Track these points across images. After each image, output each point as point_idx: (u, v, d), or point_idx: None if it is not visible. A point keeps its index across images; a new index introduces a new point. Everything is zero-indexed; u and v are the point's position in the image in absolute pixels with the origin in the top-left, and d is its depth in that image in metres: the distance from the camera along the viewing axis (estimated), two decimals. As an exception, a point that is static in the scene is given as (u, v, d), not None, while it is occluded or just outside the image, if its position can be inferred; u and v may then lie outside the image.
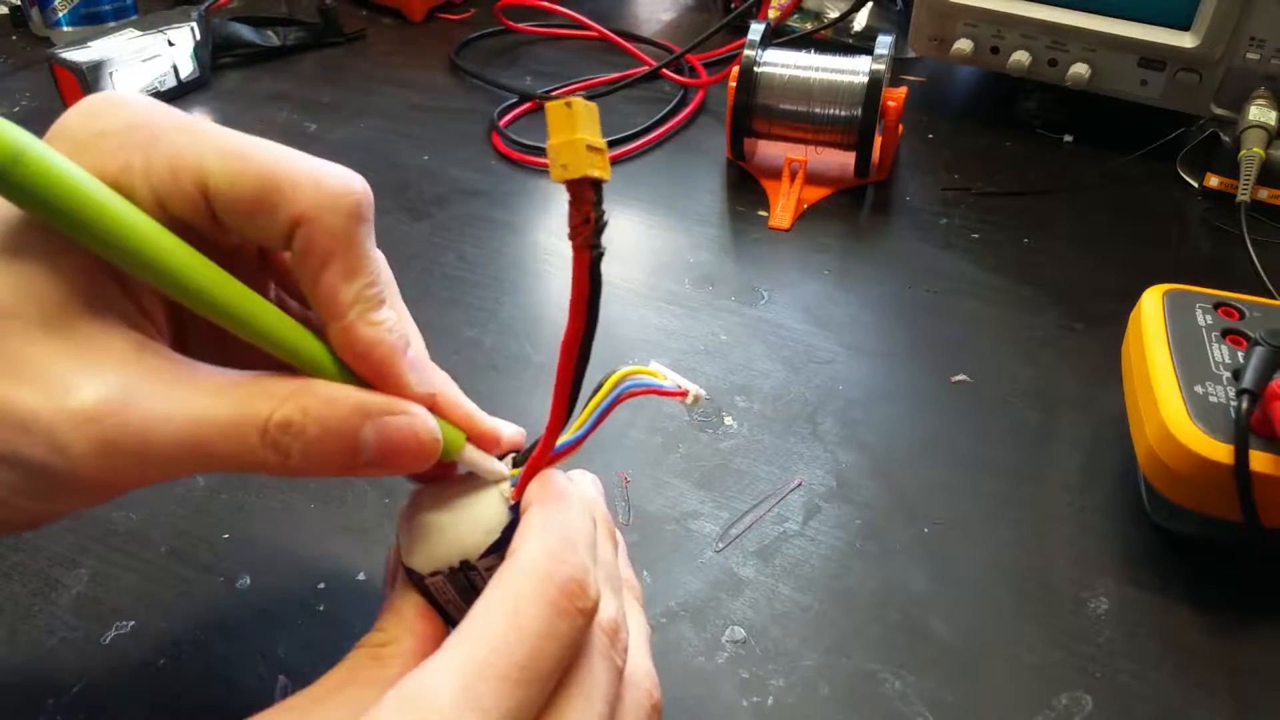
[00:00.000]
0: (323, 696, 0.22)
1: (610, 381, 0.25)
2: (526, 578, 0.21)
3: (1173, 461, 0.33)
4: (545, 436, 0.24)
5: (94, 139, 0.21)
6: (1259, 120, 0.56)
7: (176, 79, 0.68)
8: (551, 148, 0.20)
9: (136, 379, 0.20)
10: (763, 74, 0.57)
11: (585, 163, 0.20)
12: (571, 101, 0.19)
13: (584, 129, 0.20)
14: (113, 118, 0.21)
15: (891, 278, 0.52)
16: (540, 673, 0.20)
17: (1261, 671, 0.32)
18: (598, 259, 0.20)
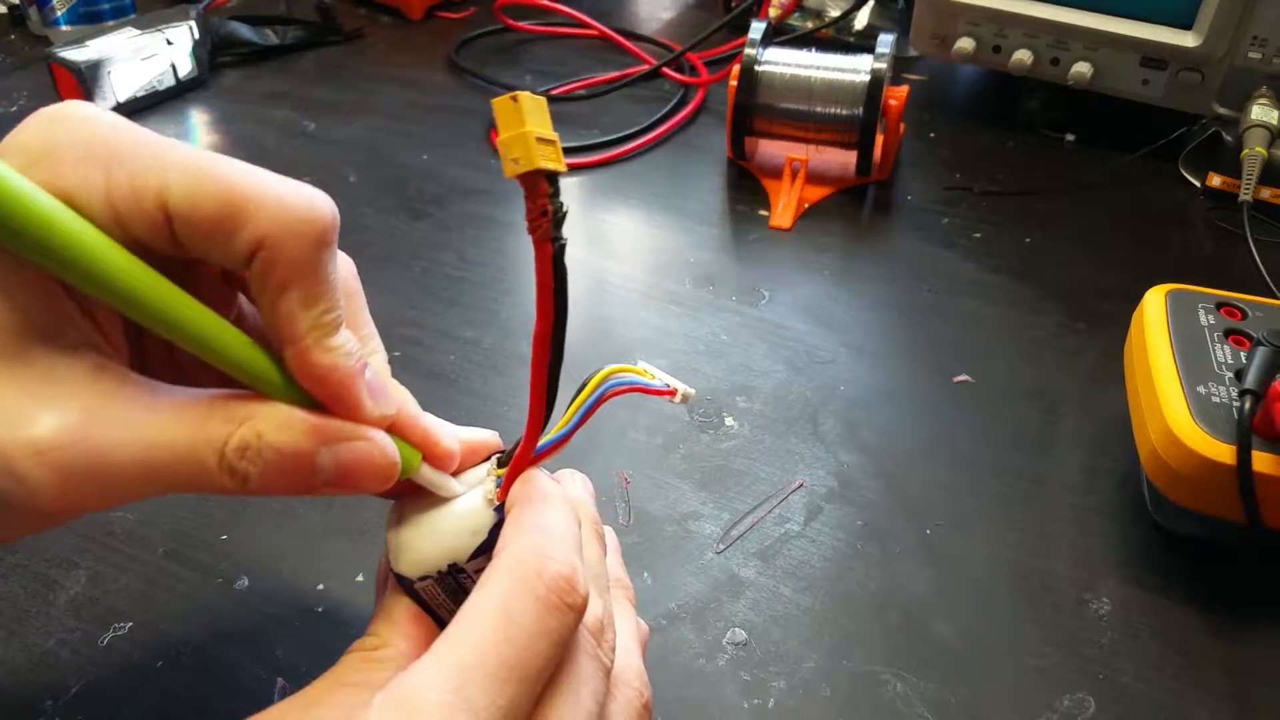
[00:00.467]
0: (314, 700, 0.22)
1: (595, 380, 0.25)
2: (512, 576, 0.21)
3: (1175, 462, 0.33)
4: (526, 436, 0.24)
5: (50, 151, 0.20)
6: (1261, 120, 0.55)
7: (175, 78, 0.67)
8: (501, 143, 0.20)
9: (93, 405, 0.20)
10: (764, 73, 0.57)
11: (536, 155, 0.20)
12: (518, 95, 0.20)
13: (532, 122, 0.20)
14: (73, 131, 0.21)
15: (893, 277, 0.52)
16: (530, 671, 0.20)
17: (1263, 672, 0.32)
18: (560, 250, 0.20)
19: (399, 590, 0.24)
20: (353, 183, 0.59)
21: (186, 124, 0.66)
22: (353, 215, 0.56)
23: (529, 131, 0.20)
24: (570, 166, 0.61)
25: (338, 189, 0.58)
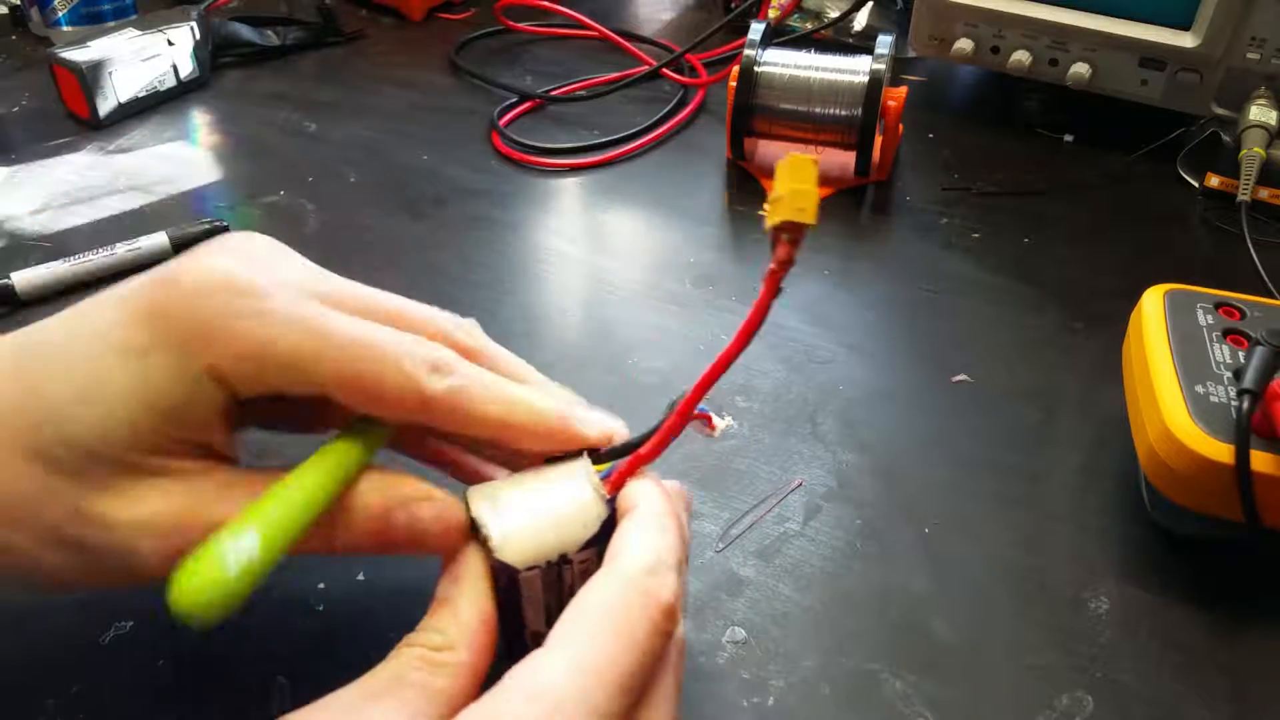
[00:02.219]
0: (374, 694, 0.22)
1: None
2: (634, 591, 0.23)
3: (1173, 461, 0.33)
4: (658, 438, 0.26)
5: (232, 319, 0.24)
6: (1259, 120, 0.56)
7: (176, 78, 0.67)
8: (790, 193, 0.24)
9: (206, 492, 0.24)
10: (763, 74, 0.57)
11: (814, 211, 0.24)
12: (814, 159, 0.24)
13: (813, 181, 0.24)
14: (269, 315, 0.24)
15: (892, 277, 0.52)
16: (639, 682, 0.21)
17: (1262, 671, 0.32)
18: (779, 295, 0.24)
19: (469, 583, 0.24)
20: (353, 183, 0.59)
21: (188, 124, 0.66)
22: (353, 216, 0.56)
23: (815, 190, 0.24)
24: (570, 167, 0.62)
25: (338, 189, 0.58)
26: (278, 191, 0.58)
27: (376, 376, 0.25)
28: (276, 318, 0.24)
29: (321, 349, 0.24)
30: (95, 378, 0.24)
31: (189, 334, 0.24)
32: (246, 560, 0.21)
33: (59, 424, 0.24)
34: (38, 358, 0.25)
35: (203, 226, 0.52)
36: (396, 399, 0.25)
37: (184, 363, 0.24)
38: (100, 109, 0.63)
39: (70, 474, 0.24)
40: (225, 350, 0.24)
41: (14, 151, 0.61)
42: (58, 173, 0.59)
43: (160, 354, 0.24)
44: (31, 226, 0.54)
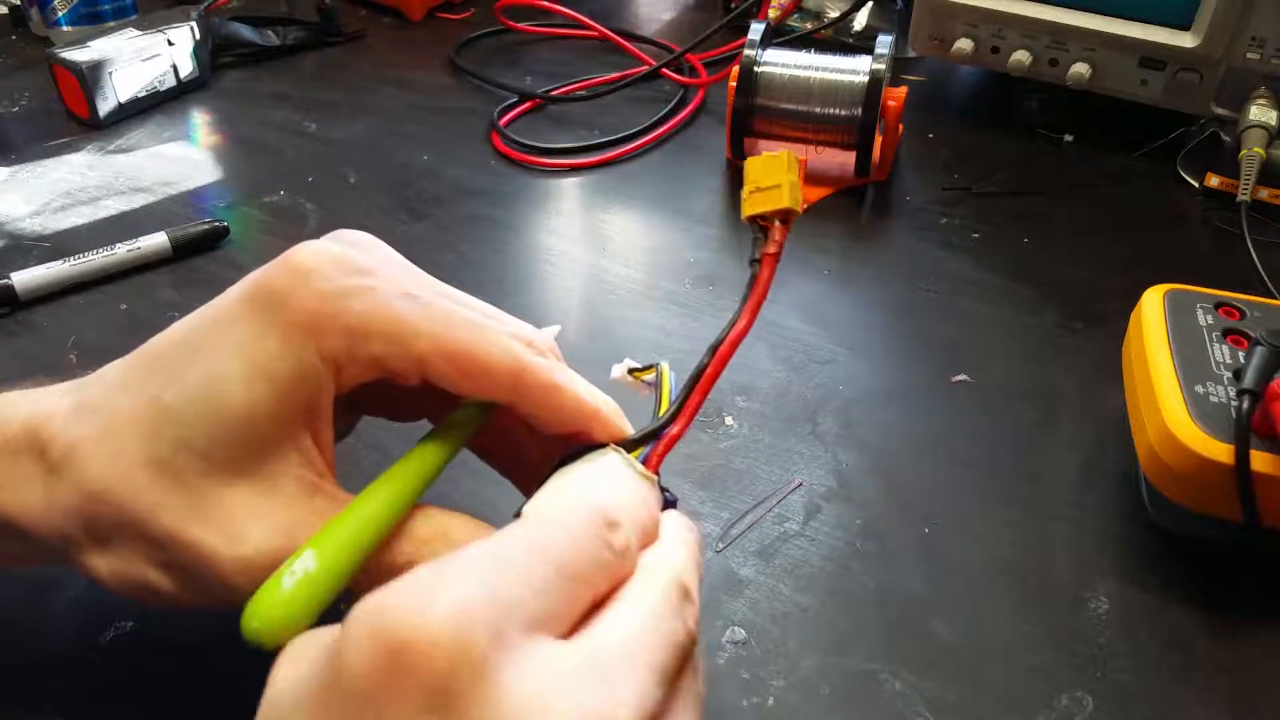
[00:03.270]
0: None
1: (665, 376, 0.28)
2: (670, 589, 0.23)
3: (1173, 461, 0.33)
4: (685, 416, 0.27)
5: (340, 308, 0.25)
6: (1259, 120, 0.56)
7: (176, 79, 0.67)
8: (791, 184, 0.26)
9: (303, 522, 0.25)
10: (763, 74, 0.57)
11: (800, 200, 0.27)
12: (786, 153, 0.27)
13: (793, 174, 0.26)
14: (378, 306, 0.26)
15: (891, 278, 0.52)
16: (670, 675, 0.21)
17: (1262, 671, 0.32)
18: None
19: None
20: (353, 183, 0.59)
21: (187, 124, 0.66)
22: (353, 216, 0.56)
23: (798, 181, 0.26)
24: (570, 167, 0.62)
25: (338, 189, 0.58)
26: (278, 191, 0.58)
27: (476, 345, 0.26)
28: (382, 293, 0.25)
29: (423, 320, 0.25)
30: (214, 369, 0.25)
31: (303, 310, 0.25)
32: (302, 576, 0.22)
33: (175, 426, 0.24)
34: (159, 364, 0.26)
35: (203, 227, 0.52)
36: (493, 366, 0.26)
37: (298, 338, 0.25)
38: (100, 109, 0.63)
39: (181, 485, 0.24)
40: (336, 323, 0.25)
41: (14, 151, 0.61)
42: (58, 173, 0.59)
43: (276, 333, 0.25)
44: (31, 226, 0.54)
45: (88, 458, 0.25)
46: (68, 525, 0.25)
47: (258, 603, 0.22)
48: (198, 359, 0.25)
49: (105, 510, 0.25)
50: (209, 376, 0.25)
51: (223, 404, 0.24)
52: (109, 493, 0.24)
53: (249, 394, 0.24)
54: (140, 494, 0.24)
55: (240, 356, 0.25)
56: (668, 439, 0.27)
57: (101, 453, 0.25)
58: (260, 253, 0.52)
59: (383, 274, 0.26)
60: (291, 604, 0.22)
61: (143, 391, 0.25)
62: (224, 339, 0.25)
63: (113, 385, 0.26)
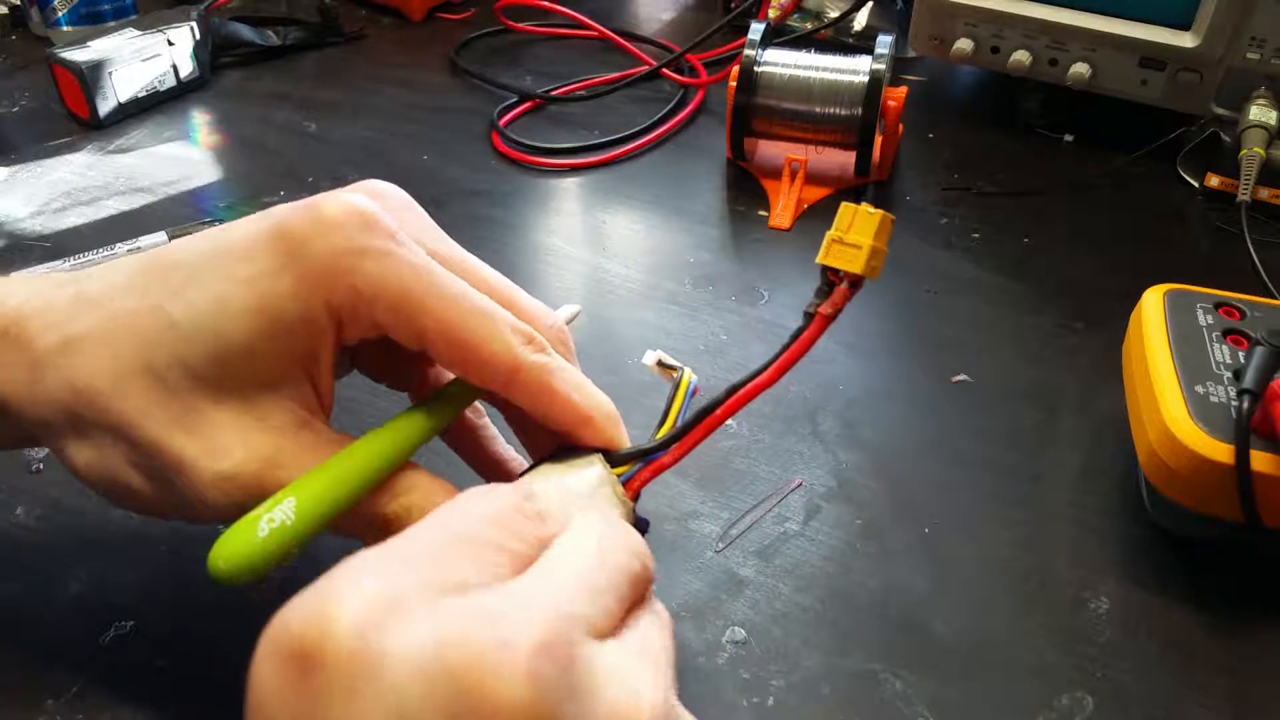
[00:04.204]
0: None
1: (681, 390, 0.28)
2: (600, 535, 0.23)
3: (1173, 461, 0.33)
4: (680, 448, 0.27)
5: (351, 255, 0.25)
6: (1259, 120, 0.56)
7: (176, 79, 0.67)
8: (874, 250, 0.26)
9: (287, 451, 0.25)
10: (763, 73, 0.57)
11: (879, 268, 0.25)
12: (891, 216, 0.25)
13: (884, 240, 0.26)
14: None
15: (891, 277, 0.52)
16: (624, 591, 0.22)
17: (1262, 671, 0.32)
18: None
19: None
20: (353, 183, 0.59)
21: (188, 124, 0.66)
22: (353, 215, 0.56)
23: (884, 250, 0.25)
24: (570, 167, 0.62)
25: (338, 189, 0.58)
26: (278, 191, 0.58)
27: (476, 333, 0.26)
28: (397, 260, 0.25)
29: (431, 297, 0.25)
30: (223, 293, 0.25)
31: (318, 260, 0.25)
32: (279, 525, 0.23)
33: (175, 341, 0.25)
34: (167, 275, 0.26)
35: (203, 227, 0.52)
36: (490, 360, 0.26)
37: (308, 286, 0.25)
38: (100, 109, 0.63)
39: (171, 398, 0.25)
40: (346, 281, 0.25)
41: (14, 151, 0.61)
42: (58, 173, 0.59)
43: (289, 275, 0.25)
44: (31, 226, 0.54)
45: (82, 354, 0.25)
46: (52, 414, 0.25)
47: (228, 543, 0.22)
48: (208, 281, 0.25)
49: (93, 409, 0.25)
50: (216, 301, 0.25)
51: (225, 331, 0.25)
52: (99, 393, 0.25)
53: (252, 327, 0.25)
54: (130, 399, 0.24)
55: (250, 290, 0.25)
56: (656, 465, 0.27)
57: (98, 352, 0.25)
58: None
59: (403, 239, 0.26)
60: (263, 552, 0.22)
61: (147, 297, 0.25)
62: (237, 269, 0.25)
63: (118, 285, 0.26)
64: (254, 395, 0.25)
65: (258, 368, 0.25)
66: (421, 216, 0.29)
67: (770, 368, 0.26)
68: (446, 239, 0.29)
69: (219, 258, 0.25)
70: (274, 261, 0.25)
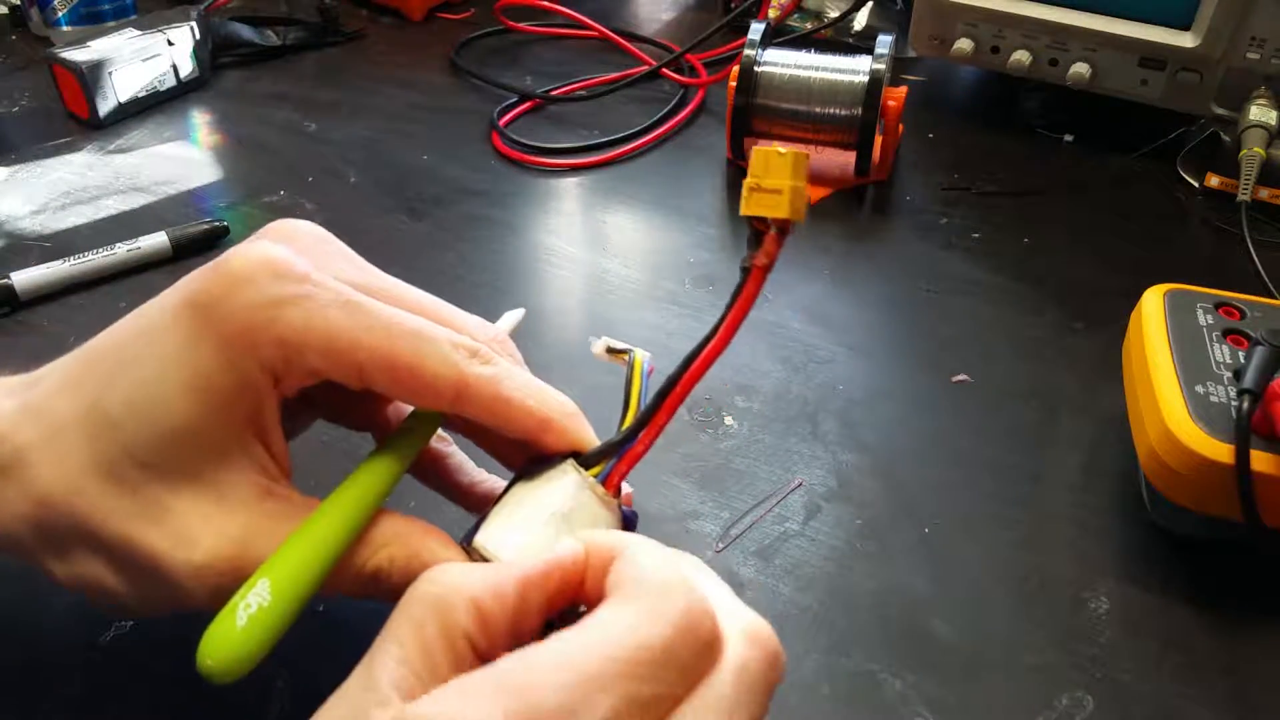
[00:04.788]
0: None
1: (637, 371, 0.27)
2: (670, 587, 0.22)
3: (1173, 461, 0.33)
4: (648, 434, 0.26)
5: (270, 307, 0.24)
6: (1259, 120, 0.56)
7: (176, 79, 0.67)
8: (793, 189, 0.23)
9: (253, 527, 0.24)
10: (763, 73, 0.57)
11: (804, 209, 0.23)
12: (795, 152, 0.23)
13: (802, 179, 0.23)
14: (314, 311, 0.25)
15: (892, 277, 0.52)
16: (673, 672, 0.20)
17: (1262, 672, 0.32)
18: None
19: (437, 615, 0.21)
20: (353, 183, 0.59)
21: (187, 124, 0.66)
22: (353, 216, 0.56)
23: (803, 186, 0.23)
24: (570, 167, 0.62)
25: (338, 189, 0.58)
26: (278, 191, 0.58)
27: (416, 356, 0.25)
28: (319, 300, 0.25)
29: (361, 330, 0.25)
30: (151, 378, 0.24)
31: (236, 321, 0.24)
32: (257, 610, 0.22)
33: (117, 434, 0.24)
34: (93, 369, 0.25)
35: (203, 226, 0.52)
36: (435, 381, 0.25)
37: (233, 350, 0.24)
38: (100, 109, 0.63)
39: (129, 491, 0.24)
40: (270, 334, 0.24)
41: (14, 151, 0.61)
42: (58, 173, 0.59)
43: (210, 343, 0.24)
44: (31, 226, 0.54)
45: (34, 464, 0.24)
46: (20, 529, 0.25)
47: (211, 639, 0.22)
48: (135, 365, 0.25)
49: (55, 516, 0.24)
50: (147, 385, 0.24)
51: (162, 414, 0.24)
52: (57, 499, 0.24)
53: (188, 405, 0.24)
54: (89, 499, 0.24)
55: (176, 367, 0.24)
56: (630, 456, 0.26)
57: (47, 459, 0.24)
58: (260, 253, 0.52)
59: (320, 278, 0.25)
60: (247, 641, 0.22)
61: (83, 394, 0.25)
62: (159, 347, 0.24)
63: (54, 388, 0.25)
64: (209, 473, 0.24)
65: (204, 444, 0.24)
66: (339, 249, 0.28)
67: (719, 332, 0.25)
68: (368, 268, 0.28)
69: (141, 339, 0.25)
70: (193, 333, 0.24)
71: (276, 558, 0.23)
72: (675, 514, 0.37)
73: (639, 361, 0.28)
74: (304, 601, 0.23)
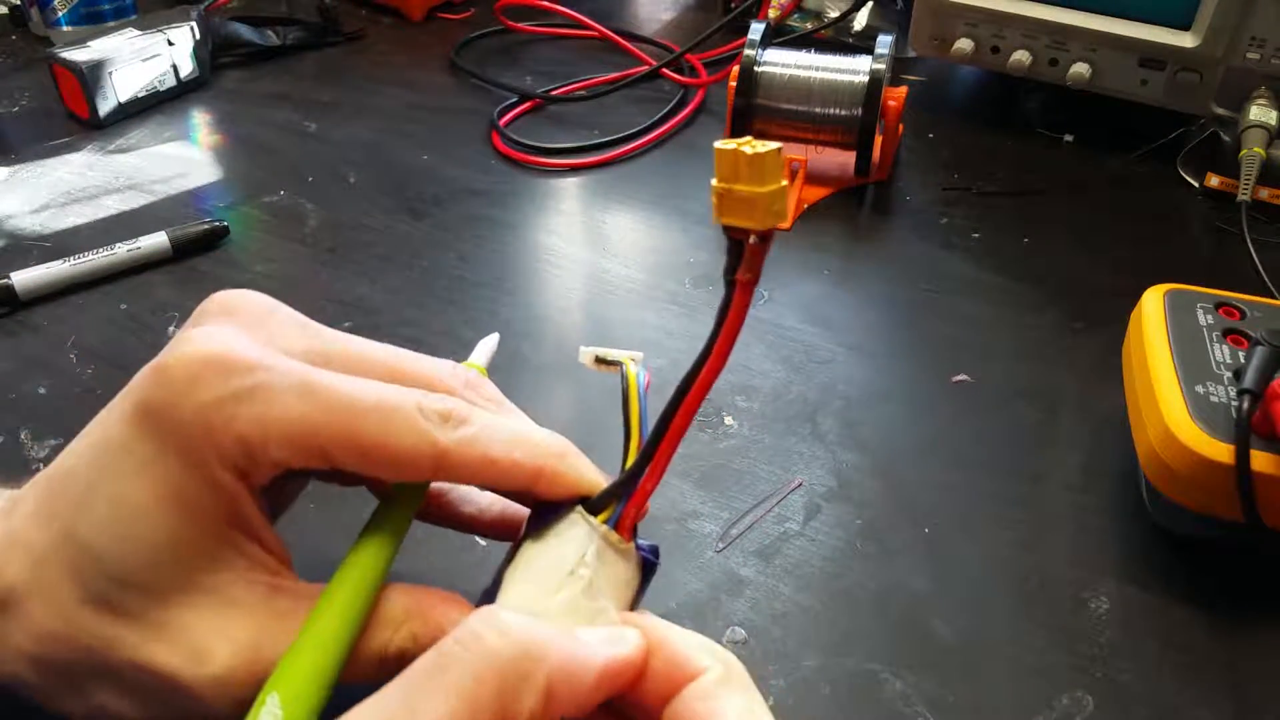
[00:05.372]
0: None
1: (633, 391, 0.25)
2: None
3: (1173, 461, 0.33)
4: (656, 467, 0.24)
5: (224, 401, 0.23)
6: (1259, 120, 0.56)
7: (176, 79, 0.67)
8: (767, 194, 0.20)
9: (267, 627, 0.23)
10: (763, 73, 0.57)
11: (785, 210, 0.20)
12: (774, 150, 0.19)
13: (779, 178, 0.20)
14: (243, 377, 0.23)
15: (892, 277, 0.52)
16: None
17: (1262, 671, 0.32)
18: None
19: (492, 684, 0.20)
20: (353, 183, 0.59)
21: (188, 124, 0.66)
22: (354, 216, 0.56)
23: (783, 189, 0.20)
24: (570, 167, 0.62)
25: (338, 189, 0.58)
26: (278, 191, 0.58)
27: (383, 433, 0.23)
28: (271, 392, 0.23)
29: (321, 413, 0.23)
30: (118, 501, 0.23)
31: (187, 431, 0.23)
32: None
33: (98, 563, 0.23)
34: (68, 493, 0.24)
35: (203, 226, 0.52)
36: (410, 458, 0.24)
37: (192, 462, 0.23)
38: (100, 109, 0.63)
39: (129, 616, 0.23)
40: (228, 435, 0.23)
41: (14, 151, 0.61)
42: (58, 173, 0.59)
43: (168, 459, 0.23)
44: (31, 226, 0.54)
45: (27, 601, 0.23)
46: (25, 669, 0.24)
47: None
48: (101, 487, 0.23)
49: (60, 651, 0.23)
50: (117, 506, 0.23)
51: (139, 534, 0.23)
52: (59, 636, 0.23)
53: (164, 519, 0.23)
54: (90, 631, 0.23)
55: (143, 482, 0.23)
56: (639, 496, 0.24)
57: (39, 596, 0.23)
58: (260, 253, 0.52)
59: (271, 361, 0.24)
60: None
61: (55, 522, 0.23)
62: (121, 465, 0.23)
63: (29, 517, 0.24)
64: (206, 581, 0.23)
65: (191, 554, 0.23)
66: (286, 316, 0.26)
67: (712, 354, 0.23)
68: (320, 330, 0.26)
69: (103, 459, 0.24)
70: (151, 445, 0.23)
71: (283, 668, 0.22)
72: (675, 514, 0.37)
73: (632, 377, 0.26)
74: (321, 704, 0.22)
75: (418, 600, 0.25)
